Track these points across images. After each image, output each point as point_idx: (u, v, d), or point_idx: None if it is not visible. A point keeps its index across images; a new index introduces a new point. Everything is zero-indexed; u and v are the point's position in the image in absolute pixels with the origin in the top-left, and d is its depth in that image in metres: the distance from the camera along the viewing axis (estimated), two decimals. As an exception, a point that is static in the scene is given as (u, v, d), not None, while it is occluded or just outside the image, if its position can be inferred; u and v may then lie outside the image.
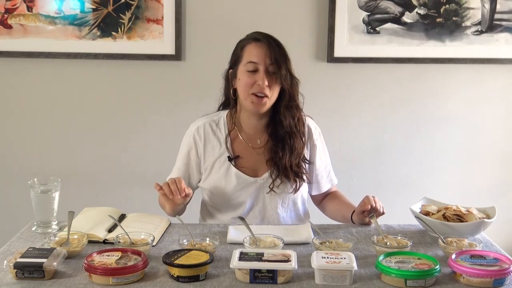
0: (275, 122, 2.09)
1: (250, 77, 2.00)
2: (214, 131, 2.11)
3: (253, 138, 2.12)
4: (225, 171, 2.08)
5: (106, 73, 3.04)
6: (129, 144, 3.09)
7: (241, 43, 2.07)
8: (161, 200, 2.06)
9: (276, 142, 2.08)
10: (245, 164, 2.10)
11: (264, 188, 2.10)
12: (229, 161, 2.08)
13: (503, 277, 1.54)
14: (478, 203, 2.01)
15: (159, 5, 2.94)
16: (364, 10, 2.97)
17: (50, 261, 1.55)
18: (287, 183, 2.09)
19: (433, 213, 1.94)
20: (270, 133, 2.10)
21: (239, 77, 2.04)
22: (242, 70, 2.03)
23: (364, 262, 1.68)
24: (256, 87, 1.99)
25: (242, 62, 2.03)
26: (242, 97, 2.04)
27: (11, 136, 3.09)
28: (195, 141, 2.11)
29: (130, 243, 1.72)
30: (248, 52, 2.03)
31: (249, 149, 2.11)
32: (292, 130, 2.07)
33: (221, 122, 2.13)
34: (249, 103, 2.02)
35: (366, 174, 3.12)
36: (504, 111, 3.13)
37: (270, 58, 2.00)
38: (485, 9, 2.98)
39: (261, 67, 2.00)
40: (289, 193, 2.11)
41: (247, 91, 2.01)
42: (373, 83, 3.07)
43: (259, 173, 2.10)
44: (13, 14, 2.95)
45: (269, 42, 2.01)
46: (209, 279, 1.56)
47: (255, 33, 2.09)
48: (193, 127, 2.14)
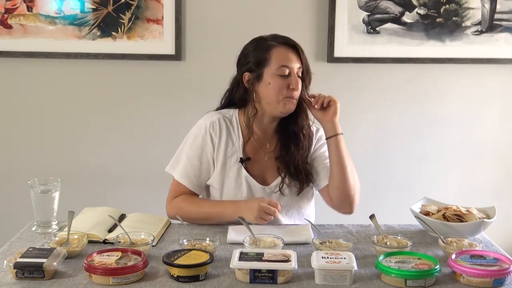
0: (286, 123, 2.08)
1: (283, 81, 1.98)
2: (228, 127, 2.08)
3: (264, 142, 2.11)
4: (235, 173, 2.05)
5: (106, 73, 3.04)
6: (129, 144, 3.09)
7: (265, 46, 2.02)
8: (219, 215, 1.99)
9: (288, 140, 2.07)
10: (255, 168, 2.07)
11: (271, 197, 2.05)
12: (241, 162, 2.05)
13: (503, 277, 1.54)
14: (478, 203, 2.01)
15: (159, 5, 2.94)
16: (364, 10, 2.97)
17: (50, 261, 1.55)
18: (295, 183, 2.07)
19: (433, 213, 1.94)
20: (281, 133, 2.09)
21: (268, 81, 1.99)
22: (272, 73, 1.98)
23: (364, 262, 1.68)
24: (289, 91, 1.98)
25: (271, 66, 1.99)
26: (274, 100, 1.99)
27: (11, 136, 3.09)
28: (211, 137, 2.05)
29: (130, 243, 1.72)
30: (279, 55, 1.99)
31: (259, 153, 2.09)
32: (305, 129, 2.09)
33: (233, 120, 2.10)
34: (282, 106, 1.99)
35: (366, 174, 3.10)
36: (504, 111, 3.13)
37: (300, 63, 2.01)
38: (485, 9, 2.98)
39: (292, 71, 1.99)
40: (294, 194, 2.08)
41: (280, 95, 1.98)
42: (373, 83, 3.07)
43: (267, 180, 2.08)
44: (13, 14, 2.95)
45: (298, 46, 2.02)
46: (209, 279, 1.56)
47: (277, 37, 2.05)
48: (206, 122, 2.07)
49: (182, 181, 2.07)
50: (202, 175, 2.08)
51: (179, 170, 2.07)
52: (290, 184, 2.07)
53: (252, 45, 2.06)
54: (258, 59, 2.02)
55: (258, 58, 2.02)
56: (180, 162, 2.09)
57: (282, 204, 2.03)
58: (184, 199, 2.05)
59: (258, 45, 2.04)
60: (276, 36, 2.06)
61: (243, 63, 2.07)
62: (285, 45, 2.01)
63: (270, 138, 2.11)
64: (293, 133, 2.08)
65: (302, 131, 2.08)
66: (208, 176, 2.09)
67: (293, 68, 1.99)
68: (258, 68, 2.01)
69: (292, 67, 1.99)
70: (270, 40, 2.03)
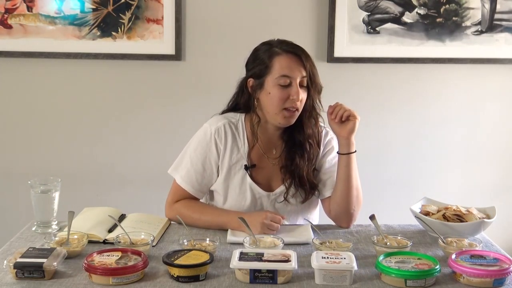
0: (292, 131, 2.01)
1: (283, 91, 1.91)
2: (233, 134, 2.02)
3: (269, 148, 2.06)
4: (240, 180, 2.02)
5: (106, 73, 3.04)
6: (129, 144, 3.09)
7: (269, 52, 1.95)
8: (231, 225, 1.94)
9: (293, 149, 2.01)
10: (260, 174, 2.04)
11: (274, 203, 2.04)
12: (246, 169, 2.01)
13: (503, 277, 1.54)
14: (478, 203, 2.01)
15: (159, 5, 2.94)
16: (364, 10, 2.97)
17: (50, 261, 1.55)
18: (300, 192, 2.03)
19: (433, 213, 1.94)
20: (287, 141, 2.03)
21: (268, 90, 1.94)
22: (273, 83, 1.92)
23: (364, 262, 1.68)
24: (289, 102, 1.92)
25: (272, 74, 1.93)
26: (272, 111, 1.94)
27: (11, 136, 3.09)
28: (215, 143, 2.00)
29: (130, 243, 1.72)
30: (280, 64, 1.92)
31: (265, 159, 2.05)
32: (312, 138, 2.02)
33: (239, 126, 2.04)
34: (281, 118, 1.94)
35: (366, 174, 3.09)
36: (504, 111, 3.13)
37: (304, 71, 1.93)
38: (485, 9, 2.98)
39: (294, 81, 1.92)
40: (299, 202, 2.04)
41: (280, 106, 1.93)
42: (373, 83, 3.07)
43: (272, 187, 2.04)
44: (13, 14, 2.95)
45: (302, 54, 1.94)
46: (209, 279, 1.56)
47: (282, 43, 1.98)
48: (212, 128, 2.02)
49: (184, 186, 2.03)
50: (204, 180, 2.04)
51: (182, 175, 2.04)
52: (296, 193, 2.03)
53: (259, 50, 2.01)
54: (261, 66, 1.96)
55: (261, 64, 1.96)
56: (183, 166, 2.05)
57: (287, 210, 2.02)
58: (186, 205, 2.02)
59: (263, 51, 1.98)
60: (282, 42, 1.99)
61: (249, 68, 2.02)
62: (289, 53, 1.94)
63: (276, 144, 2.06)
64: (299, 142, 2.02)
65: (308, 140, 2.01)
66: (211, 182, 2.05)
67: (295, 78, 1.92)
68: (260, 75, 1.96)
69: (293, 77, 1.92)
70: (275, 46, 1.96)
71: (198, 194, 2.06)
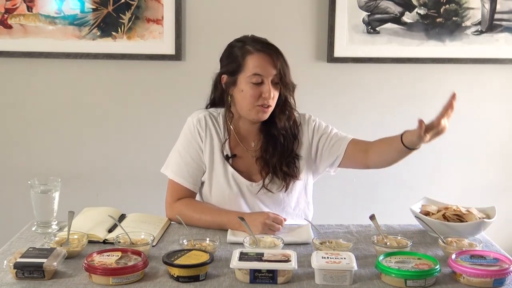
0: (269, 124, 2.07)
1: (255, 89, 1.97)
2: (214, 125, 2.09)
3: (248, 141, 2.11)
4: (222, 169, 2.06)
5: (106, 73, 3.04)
6: (129, 144, 3.09)
7: (242, 51, 2.00)
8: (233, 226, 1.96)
9: (268, 141, 2.08)
10: (242, 166, 2.08)
11: (257, 193, 2.06)
12: (226, 159, 2.06)
13: (503, 277, 1.54)
14: (478, 203, 2.01)
15: (159, 5, 2.94)
16: (364, 10, 2.97)
17: (50, 261, 1.55)
18: (276, 182, 2.07)
19: (433, 213, 1.94)
20: (264, 134, 2.09)
21: (241, 88, 2.00)
22: (246, 81, 1.98)
23: (364, 262, 1.68)
24: (262, 99, 1.97)
25: (245, 72, 1.98)
26: (246, 107, 2.00)
27: (11, 136, 3.09)
28: (198, 132, 2.07)
29: (130, 243, 1.72)
30: (253, 63, 1.97)
31: (245, 151, 2.10)
32: (286, 131, 2.08)
33: (220, 119, 2.10)
34: (254, 114, 2.00)
35: (366, 174, 3.10)
36: (504, 111, 3.12)
37: (275, 69, 1.97)
38: (485, 9, 2.98)
39: (266, 79, 1.97)
40: (280, 191, 2.07)
41: (252, 103, 1.98)
42: (373, 83, 3.07)
43: (253, 177, 2.08)
44: (13, 14, 2.95)
45: (273, 53, 1.98)
46: (209, 279, 1.56)
47: (255, 41, 2.02)
48: (193, 119, 2.09)
49: (177, 180, 2.07)
50: (196, 171, 2.08)
51: (173, 169, 2.08)
52: (274, 181, 2.07)
53: (232, 47, 2.05)
54: (234, 63, 2.01)
55: (234, 62, 2.01)
56: (173, 162, 2.10)
57: (273, 200, 2.07)
58: (186, 204, 2.04)
59: (236, 48, 2.03)
60: (255, 39, 2.04)
61: (223, 64, 2.07)
62: (261, 52, 1.98)
63: (255, 137, 2.11)
64: (273, 135, 2.07)
65: (282, 132, 2.07)
66: (201, 172, 2.09)
67: (267, 77, 1.97)
68: (233, 72, 2.01)
69: (265, 76, 1.97)
70: (248, 44, 2.01)
71: (193, 187, 2.08)
